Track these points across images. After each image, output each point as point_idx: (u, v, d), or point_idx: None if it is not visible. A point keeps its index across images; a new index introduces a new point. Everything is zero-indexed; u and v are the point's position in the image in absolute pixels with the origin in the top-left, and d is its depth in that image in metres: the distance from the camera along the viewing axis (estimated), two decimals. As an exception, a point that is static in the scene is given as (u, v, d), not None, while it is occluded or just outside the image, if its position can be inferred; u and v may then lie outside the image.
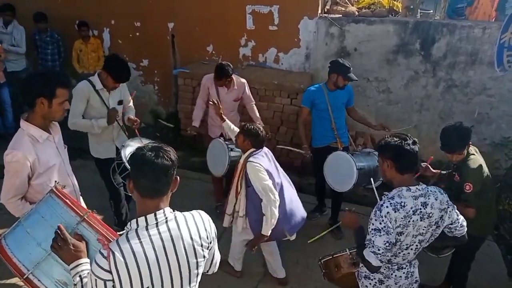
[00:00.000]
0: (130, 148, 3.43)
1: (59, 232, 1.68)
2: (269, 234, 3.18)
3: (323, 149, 4.07)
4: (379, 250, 2.12)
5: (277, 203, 3.12)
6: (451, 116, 5.12)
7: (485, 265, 3.70)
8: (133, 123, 3.64)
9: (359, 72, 5.17)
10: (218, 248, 1.88)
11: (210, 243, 1.73)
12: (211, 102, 3.97)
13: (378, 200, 2.30)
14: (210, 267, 1.85)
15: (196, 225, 1.66)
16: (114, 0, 6.07)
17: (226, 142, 3.87)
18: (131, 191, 1.60)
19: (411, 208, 2.15)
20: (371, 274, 2.35)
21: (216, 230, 1.78)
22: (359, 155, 3.90)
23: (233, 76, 4.20)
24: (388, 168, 2.23)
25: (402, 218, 2.13)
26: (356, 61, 5.11)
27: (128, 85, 3.79)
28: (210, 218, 1.77)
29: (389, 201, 2.16)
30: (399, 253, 2.27)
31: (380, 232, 2.12)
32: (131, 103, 3.83)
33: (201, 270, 1.71)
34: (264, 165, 3.13)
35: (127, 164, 3.26)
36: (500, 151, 5.01)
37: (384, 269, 2.33)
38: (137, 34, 6.19)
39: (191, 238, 1.62)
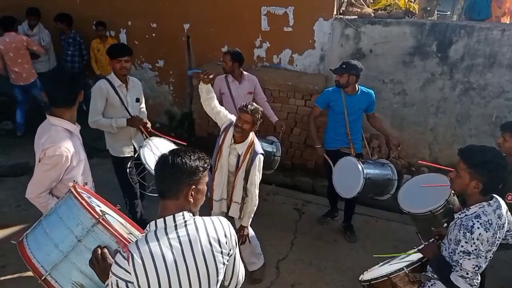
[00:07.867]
0: (147, 148, 3.45)
1: (99, 252, 1.66)
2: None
3: (333, 152, 4.02)
4: (467, 274, 2.03)
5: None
6: (468, 120, 5.03)
7: (500, 271, 3.67)
8: (144, 127, 3.64)
9: (374, 74, 5.13)
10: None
11: (231, 250, 1.69)
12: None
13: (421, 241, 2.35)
14: (231, 279, 1.80)
15: (216, 231, 1.64)
16: (131, 2, 6.15)
17: None
18: None
19: (496, 224, 2.08)
20: None
21: (236, 238, 1.75)
22: (371, 163, 3.82)
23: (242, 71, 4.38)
24: (473, 187, 2.08)
25: (491, 236, 2.05)
26: (371, 62, 5.07)
27: (143, 85, 3.83)
28: (230, 225, 1.74)
29: (477, 220, 2.03)
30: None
31: (470, 256, 2.02)
32: (143, 105, 3.89)
33: (220, 278, 1.68)
34: None
35: (146, 165, 3.28)
36: (518, 155, 4.90)
37: None
38: (153, 35, 6.26)
39: (210, 244, 1.60)
